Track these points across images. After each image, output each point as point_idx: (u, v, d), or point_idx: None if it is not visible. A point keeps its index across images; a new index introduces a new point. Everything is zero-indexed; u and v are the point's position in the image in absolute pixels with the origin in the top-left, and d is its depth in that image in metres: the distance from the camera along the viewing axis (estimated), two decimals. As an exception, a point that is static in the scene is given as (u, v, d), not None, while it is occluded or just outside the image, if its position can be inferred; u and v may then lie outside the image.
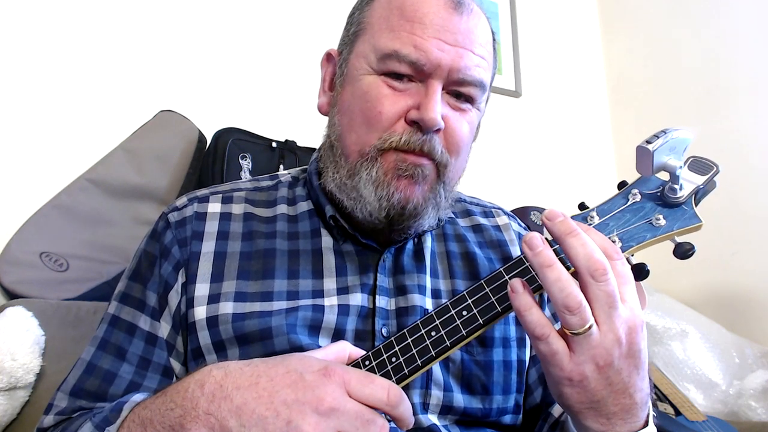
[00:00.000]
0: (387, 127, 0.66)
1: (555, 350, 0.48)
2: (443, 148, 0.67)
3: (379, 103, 0.66)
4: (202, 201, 0.75)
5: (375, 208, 0.67)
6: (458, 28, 0.66)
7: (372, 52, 0.68)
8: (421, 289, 0.72)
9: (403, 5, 0.67)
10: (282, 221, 0.75)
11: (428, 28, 0.65)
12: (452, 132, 0.68)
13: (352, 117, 0.69)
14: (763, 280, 1.74)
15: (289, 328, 0.64)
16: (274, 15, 1.62)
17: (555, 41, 2.27)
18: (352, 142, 0.69)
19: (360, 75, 0.69)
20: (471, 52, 0.67)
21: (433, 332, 0.56)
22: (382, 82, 0.67)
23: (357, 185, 0.67)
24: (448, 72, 0.66)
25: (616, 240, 0.56)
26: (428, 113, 0.64)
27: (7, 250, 1.11)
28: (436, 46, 0.65)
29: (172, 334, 0.69)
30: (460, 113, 0.69)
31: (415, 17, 0.66)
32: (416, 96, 0.66)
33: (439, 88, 0.66)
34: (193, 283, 0.68)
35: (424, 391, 0.67)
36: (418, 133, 0.65)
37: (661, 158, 0.55)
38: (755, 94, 1.83)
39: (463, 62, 0.66)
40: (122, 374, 0.66)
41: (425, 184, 0.67)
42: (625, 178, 0.61)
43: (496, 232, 0.82)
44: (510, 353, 0.72)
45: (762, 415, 1.36)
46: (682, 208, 0.56)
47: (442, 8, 0.66)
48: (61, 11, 1.32)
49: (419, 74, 0.66)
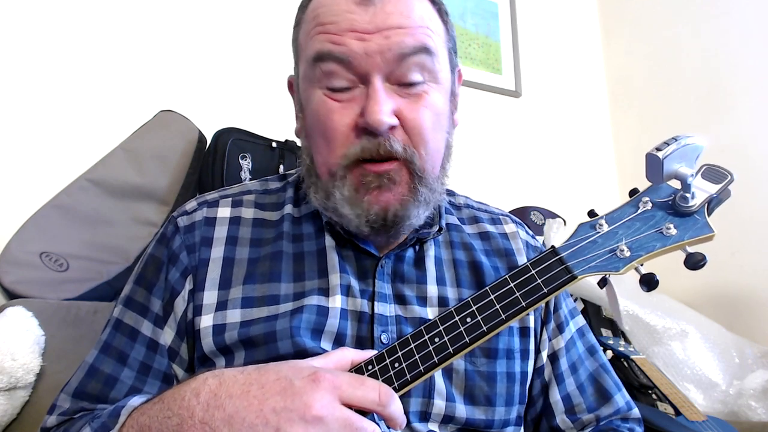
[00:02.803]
0: (344, 142, 0.65)
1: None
2: (405, 144, 0.65)
3: (329, 119, 0.65)
4: (211, 205, 0.75)
5: (357, 223, 0.67)
6: (375, 17, 0.63)
7: (306, 66, 0.68)
8: (421, 298, 0.71)
9: (316, 14, 0.67)
10: (288, 222, 0.74)
11: (341, 24, 0.64)
12: (410, 123, 0.65)
13: (314, 139, 0.69)
14: (762, 280, 1.74)
15: (294, 331, 0.64)
16: (274, 15, 1.62)
17: (555, 41, 2.26)
18: (321, 163, 0.69)
19: (309, 96, 0.68)
20: (398, 28, 0.63)
21: (437, 338, 0.55)
22: (326, 97, 0.66)
23: (335, 205, 0.67)
24: (381, 58, 0.63)
25: (625, 249, 0.55)
26: (371, 116, 0.62)
27: (7, 250, 1.11)
28: (355, 38, 0.63)
29: (176, 340, 0.68)
30: (415, 99, 0.66)
31: (327, 20, 0.65)
32: (360, 101, 0.64)
33: (379, 85, 0.63)
34: (201, 291, 0.68)
35: (426, 401, 0.66)
36: (372, 138, 0.64)
37: (672, 166, 0.54)
38: (755, 94, 1.83)
39: (392, 40, 0.63)
40: (123, 379, 0.66)
41: (398, 188, 0.66)
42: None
43: (504, 241, 0.81)
44: (513, 365, 0.71)
45: (762, 415, 1.35)
46: (693, 217, 0.55)
47: (351, 4, 0.64)
48: (61, 11, 1.32)
49: (355, 73, 0.64)
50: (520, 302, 0.55)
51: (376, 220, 0.66)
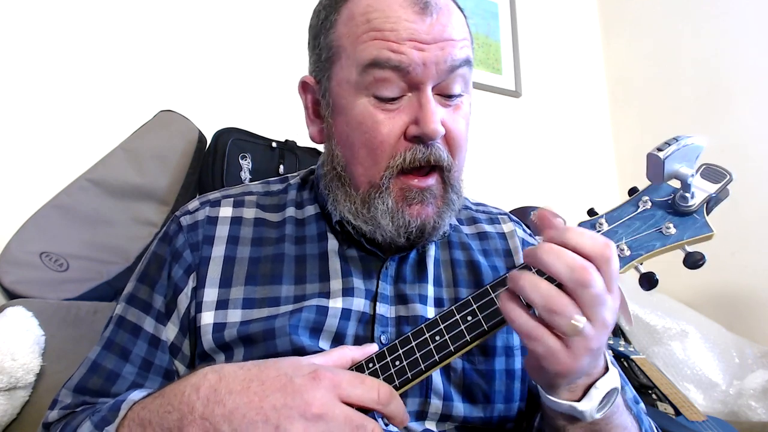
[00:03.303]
0: (391, 152, 0.65)
1: (552, 350, 0.50)
2: (447, 154, 0.66)
3: (377, 131, 0.65)
4: (214, 205, 0.76)
5: (395, 234, 0.67)
6: (432, 28, 0.64)
7: (354, 70, 0.65)
8: (422, 298, 0.72)
9: (368, 17, 0.64)
10: (290, 224, 0.75)
11: (401, 33, 0.63)
12: (451, 133, 0.66)
13: (354, 149, 0.67)
14: (762, 280, 1.74)
15: (292, 329, 0.64)
16: (274, 15, 1.62)
17: (555, 41, 2.26)
18: (360, 174, 0.68)
19: (349, 103, 0.66)
20: (451, 40, 0.64)
21: (437, 337, 0.56)
22: (373, 107, 0.65)
23: (374, 215, 0.67)
24: (435, 69, 0.63)
25: (624, 248, 0.55)
26: (428, 126, 0.63)
27: (7, 250, 1.11)
28: (415, 47, 0.63)
29: (179, 336, 0.69)
30: (455, 110, 0.67)
31: (385, 26, 0.63)
32: (410, 110, 0.64)
33: (431, 94, 0.64)
34: (203, 288, 0.68)
35: (423, 400, 0.66)
36: (421, 147, 0.64)
37: (672, 166, 0.54)
38: (755, 94, 1.83)
39: (446, 52, 0.64)
40: (125, 375, 0.67)
41: (437, 201, 0.68)
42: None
43: (501, 240, 0.82)
44: (513, 362, 0.71)
45: (762, 415, 1.35)
46: (693, 216, 0.56)
47: (410, 12, 0.63)
48: (61, 11, 1.32)
49: (408, 82, 0.64)
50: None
51: (414, 232, 0.67)
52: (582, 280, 0.48)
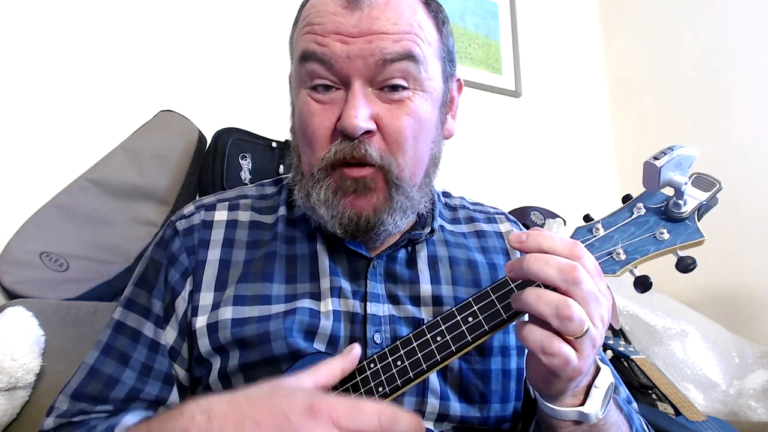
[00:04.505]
0: (323, 144, 0.65)
1: (568, 357, 0.50)
2: (382, 151, 0.65)
3: (310, 121, 0.66)
4: (209, 209, 0.76)
5: (332, 225, 0.67)
6: (360, 21, 0.63)
7: (294, 65, 0.69)
8: (413, 297, 0.72)
9: (307, 13, 0.68)
10: (282, 223, 0.75)
11: (326, 26, 0.64)
12: (388, 129, 0.64)
13: (299, 139, 0.71)
14: (763, 280, 1.74)
15: (287, 332, 0.64)
16: (274, 15, 1.62)
17: (555, 41, 2.27)
18: (304, 163, 0.70)
19: (295, 96, 0.70)
20: (382, 33, 0.63)
21: (438, 337, 0.57)
22: (309, 98, 0.66)
23: (314, 205, 0.68)
24: (362, 63, 0.63)
25: (620, 252, 0.57)
26: (346, 120, 0.62)
27: (7, 250, 1.11)
28: (338, 40, 0.63)
29: (178, 340, 0.69)
30: (397, 105, 0.65)
31: (315, 20, 0.65)
32: (340, 104, 0.64)
33: (358, 89, 0.63)
34: (198, 292, 0.69)
35: (420, 400, 0.66)
36: (347, 142, 0.64)
37: (668, 174, 0.56)
38: (755, 94, 1.83)
39: (374, 45, 0.62)
40: (124, 380, 0.67)
41: (374, 194, 0.66)
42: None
43: (499, 240, 0.82)
44: (509, 362, 0.72)
45: (762, 415, 1.35)
46: (685, 223, 0.58)
47: (338, 6, 0.64)
48: (61, 11, 1.32)
49: (336, 75, 0.64)
50: None
51: (349, 224, 0.66)
52: (573, 278, 0.49)
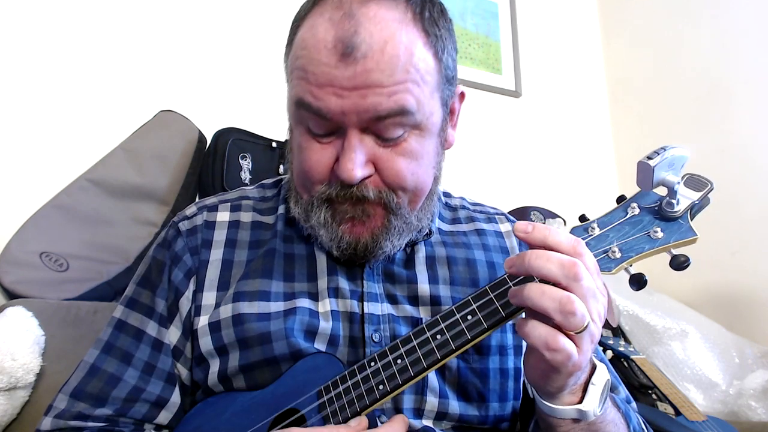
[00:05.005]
0: (320, 180, 0.66)
1: (569, 353, 0.51)
2: (381, 189, 0.65)
3: (308, 159, 0.65)
4: (211, 209, 0.77)
5: (330, 246, 0.68)
6: (355, 73, 0.59)
7: (289, 102, 0.67)
8: (411, 297, 0.72)
9: (299, 53, 0.63)
10: (281, 222, 0.76)
11: (320, 78, 0.60)
12: (386, 172, 0.64)
13: (295, 164, 0.70)
14: (762, 280, 1.74)
15: (288, 332, 0.65)
16: (274, 15, 1.62)
17: (555, 41, 2.27)
18: (300, 185, 0.70)
19: (292, 125, 0.69)
20: (377, 87, 0.59)
21: (438, 335, 0.57)
22: (309, 136, 0.65)
23: (313, 225, 0.68)
24: (357, 116, 0.61)
25: (615, 250, 0.59)
26: (343, 172, 0.62)
27: (7, 250, 1.11)
28: (334, 93, 0.60)
29: (181, 340, 0.70)
30: (392, 148, 0.64)
31: (309, 66, 0.61)
32: (337, 146, 0.63)
33: (355, 138, 0.62)
34: (201, 291, 0.70)
35: (419, 398, 0.67)
36: (345, 187, 0.64)
37: (661, 174, 0.58)
38: (755, 94, 1.83)
39: (368, 101, 0.60)
40: (127, 378, 0.67)
41: (372, 221, 0.66)
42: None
43: (499, 239, 0.82)
44: (507, 361, 0.72)
45: (762, 415, 1.36)
46: (678, 222, 0.60)
47: (332, 56, 0.59)
48: (61, 11, 1.32)
49: (332, 124, 0.62)
50: None
51: (347, 248, 0.67)
52: (574, 274, 0.50)
